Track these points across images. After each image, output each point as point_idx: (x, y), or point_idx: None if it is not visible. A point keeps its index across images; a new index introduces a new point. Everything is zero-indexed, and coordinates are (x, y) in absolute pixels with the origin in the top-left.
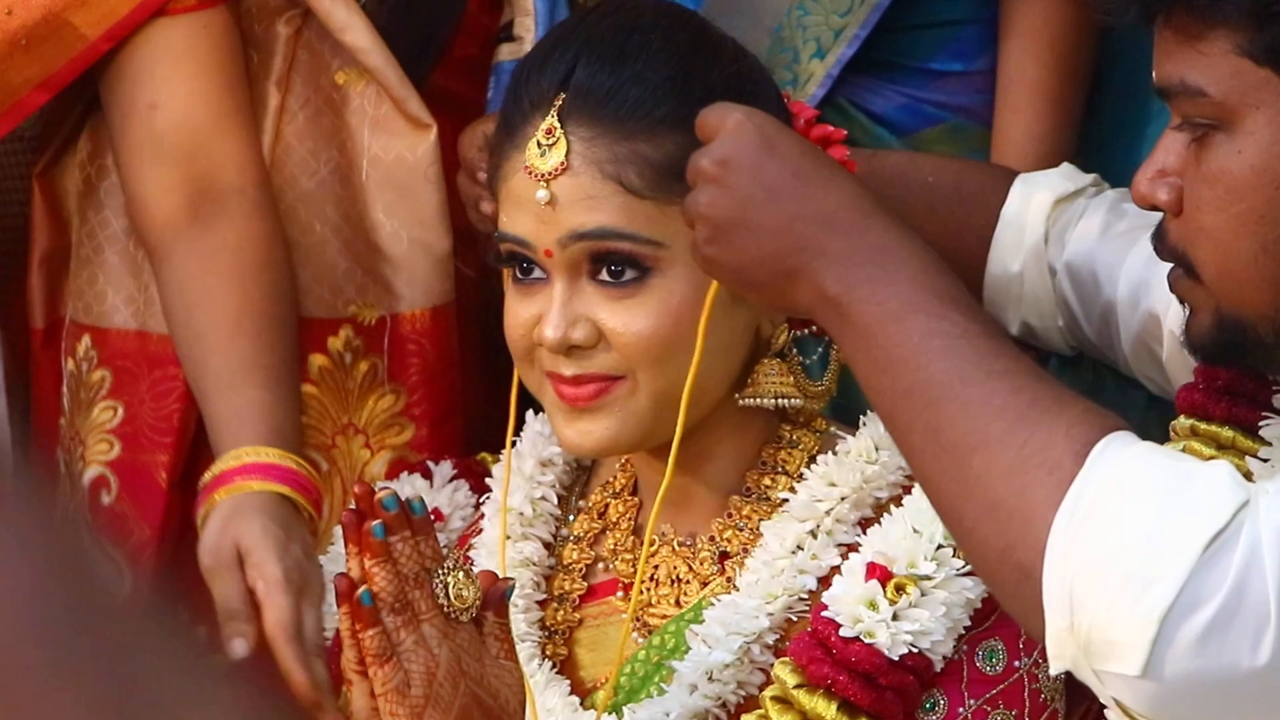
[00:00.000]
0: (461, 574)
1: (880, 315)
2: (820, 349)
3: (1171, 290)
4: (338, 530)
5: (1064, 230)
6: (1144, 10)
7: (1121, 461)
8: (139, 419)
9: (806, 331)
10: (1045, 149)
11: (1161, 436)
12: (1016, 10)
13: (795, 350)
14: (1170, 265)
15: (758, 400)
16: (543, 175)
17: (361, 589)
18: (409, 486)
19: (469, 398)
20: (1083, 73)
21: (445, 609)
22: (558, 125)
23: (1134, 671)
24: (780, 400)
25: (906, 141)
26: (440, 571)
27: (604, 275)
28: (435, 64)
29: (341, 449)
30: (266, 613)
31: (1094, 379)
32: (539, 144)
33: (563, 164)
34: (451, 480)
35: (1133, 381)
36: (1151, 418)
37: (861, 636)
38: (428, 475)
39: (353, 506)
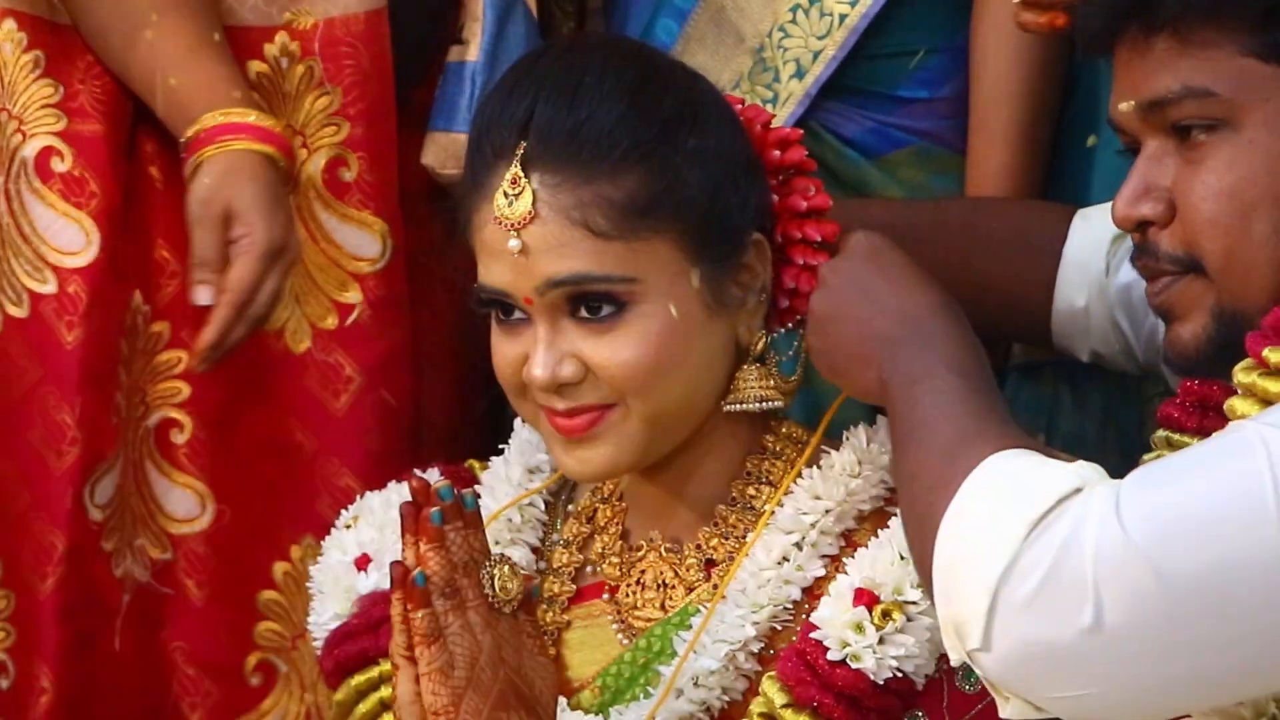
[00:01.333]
0: (507, 568)
1: (904, 383)
2: (794, 344)
3: (1156, 302)
4: (327, 540)
5: (1121, 261)
6: (1148, 25)
7: (991, 470)
8: None
9: (781, 331)
10: (1018, 182)
11: (1119, 448)
12: (989, 51)
13: (773, 353)
14: (1150, 281)
15: (742, 405)
16: (512, 224)
17: (416, 571)
18: (396, 494)
19: (457, 404)
20: (1051, 109)
21: (490, 599)
22: (521, 174)
23: (977, 644)
24: (764, 403)
25: (875, 163)
26: (487, 564)
27: (583, 313)
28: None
29: None
30: (234, 270)
31: (1052, 393)
32: (505, 194)
33: (530, 212)
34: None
35: (1090, 395)
36: (1109, 429)
37: (848, 660)
38: None
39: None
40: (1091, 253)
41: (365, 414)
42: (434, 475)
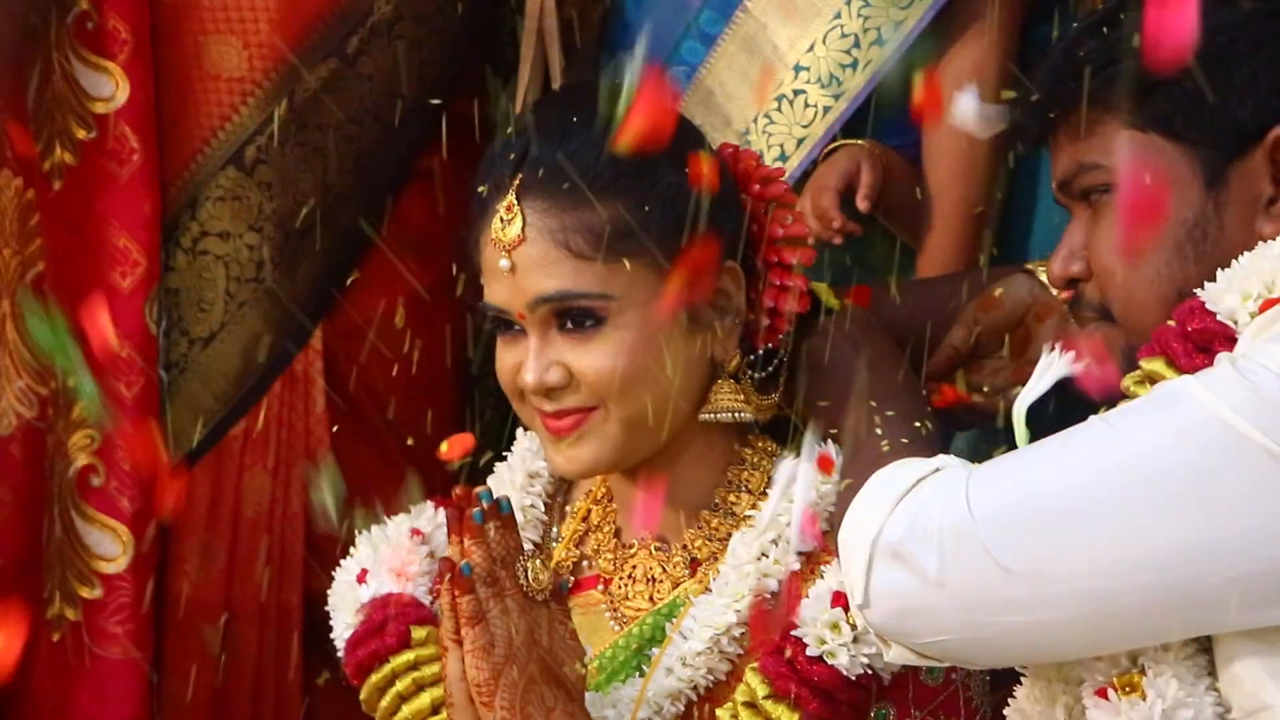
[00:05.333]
0: (539, 561)
1: (866, 427)
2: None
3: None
4: (338, 570)
5: None
6: (1048, 119)
7: (885, 470)
8: None
9: (763, 350)
10: (966, 255)
11: None
12: (943, 137)
13: (749, 372)
14: (1082, 328)
15: (715, 415)
16: (505, 246)
17: (462, 562)
18: (391, 522)
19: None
20: (994, 186)
21: (525, 589)
22: (515, 202)
23: (860, 600)
24: (734, 414)
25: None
26: (521, 558)
27: (568, 325)
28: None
29: None
30: None
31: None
32: (501, 219)
33: (520, 236)
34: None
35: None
36: None
37: (825, 657)
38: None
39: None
40: None
41: None
42: (428, 509)
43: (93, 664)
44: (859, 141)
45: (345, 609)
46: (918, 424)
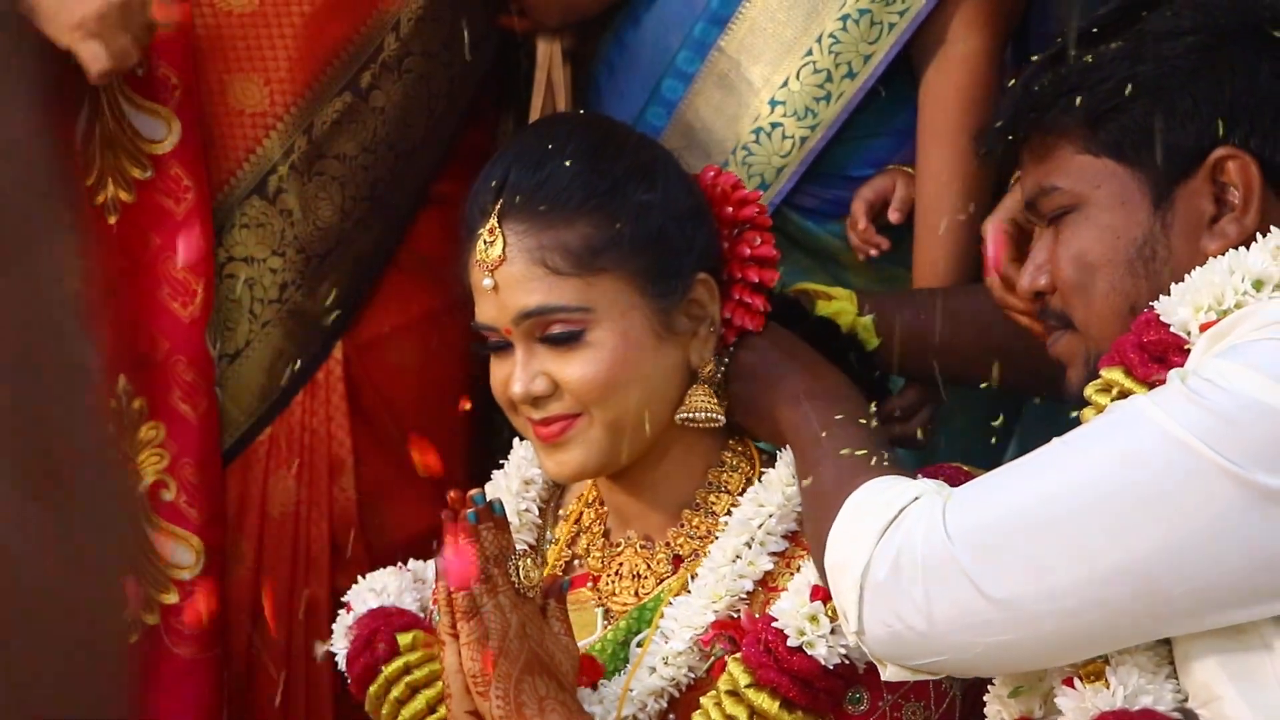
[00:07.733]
0: (529, 560)
1: (812, 431)
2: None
3: (1053, 354)
4: None
5: None
6: (1011, 142)
7: (861, 493)
8: None
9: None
10: (961, 274)
11: None
12: (931, 155)
13: (722, 378)
14: (1047, 337)
15: (690, 415)
16: (487, 266)
17: None
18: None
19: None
20: (988, 205)
21: (516, 585)
22: (496, 225)
23: (855, 627)
24: (707, 416)
25: (828, 228)
26: (513, 557)
27: (550, 337)
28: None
29: None
30: None
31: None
32: (484, 242)
33: (501, 256)
34: None
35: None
36: None
37: (804, 647)
38: None
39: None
40: None
41: None
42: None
43: (171, 664)
44: (906, 168)
45: (339, 636)
46: (862, 420)
